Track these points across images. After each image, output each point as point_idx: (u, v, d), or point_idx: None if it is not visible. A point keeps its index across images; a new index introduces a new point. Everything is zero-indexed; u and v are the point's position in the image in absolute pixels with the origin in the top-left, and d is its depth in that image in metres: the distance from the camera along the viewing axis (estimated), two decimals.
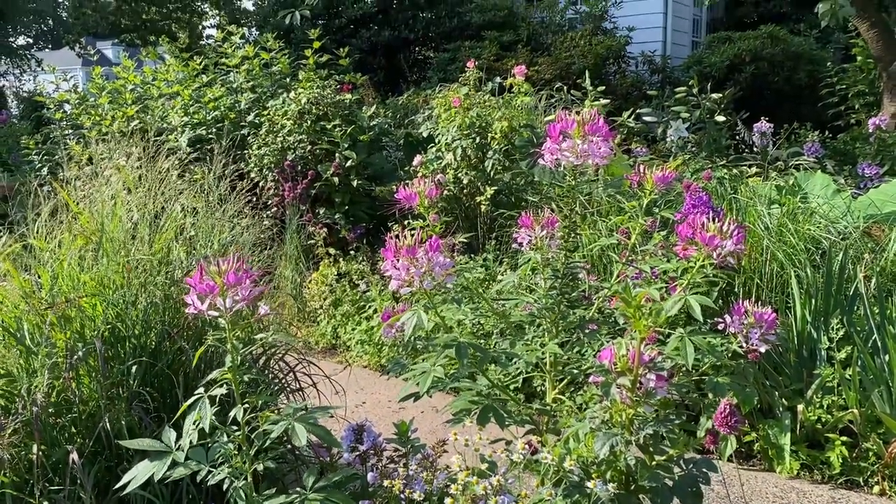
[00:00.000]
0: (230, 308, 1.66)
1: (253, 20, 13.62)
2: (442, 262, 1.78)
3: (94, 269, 2.13)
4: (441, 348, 1.80)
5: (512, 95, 4.81)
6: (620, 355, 1.53)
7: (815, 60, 10.96)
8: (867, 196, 4.26)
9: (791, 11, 13.26)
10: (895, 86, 7.25)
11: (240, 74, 6.00)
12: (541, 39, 11.17)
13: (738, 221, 3.64)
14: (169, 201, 2.48)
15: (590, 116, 2.04)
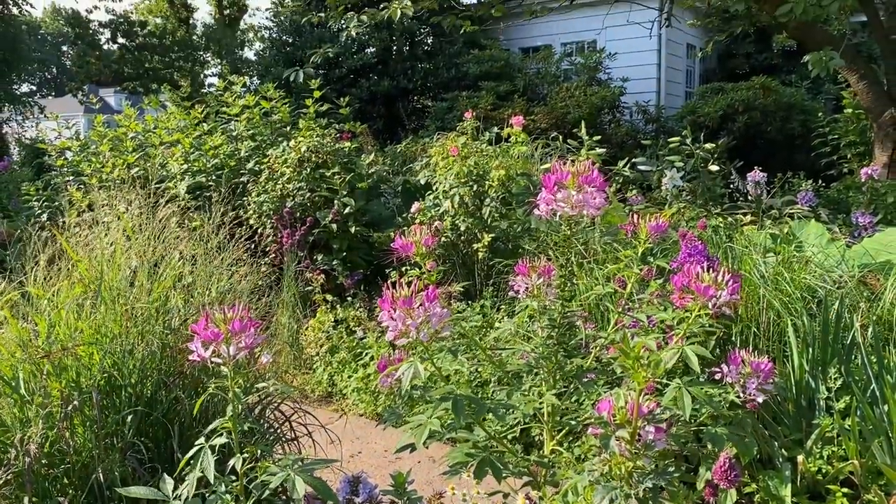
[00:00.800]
0: (234, 356, 1.66)
1: (254, 70, 13.83)
2: (438, 312, 1.78)
3: (92, 317, 2.13)
4: (438, 401, 1.80)
5: (509, 144, 4.87)
6: (619, 407, 1.52)
7: (806, 111, 11.15)
8: (861, 245, 4.29)
9: (782, 63, 13.53)
10: (886, 136, 7.35)
11: (240, 123, 6.08)
12: (537, 90, 11.35)
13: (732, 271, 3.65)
14: (168, 249, 2.49)
15: (584, 167, 2.07)
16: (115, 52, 22.32)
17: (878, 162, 7.33)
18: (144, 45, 21.88)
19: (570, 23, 12.50)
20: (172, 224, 3.09)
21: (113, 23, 22.16)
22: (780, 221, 5.83)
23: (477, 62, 11.69)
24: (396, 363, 2.48)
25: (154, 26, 23.67)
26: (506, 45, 13.13)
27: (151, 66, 22.02)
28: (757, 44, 13.53)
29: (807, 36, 7.29)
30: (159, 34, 22.56)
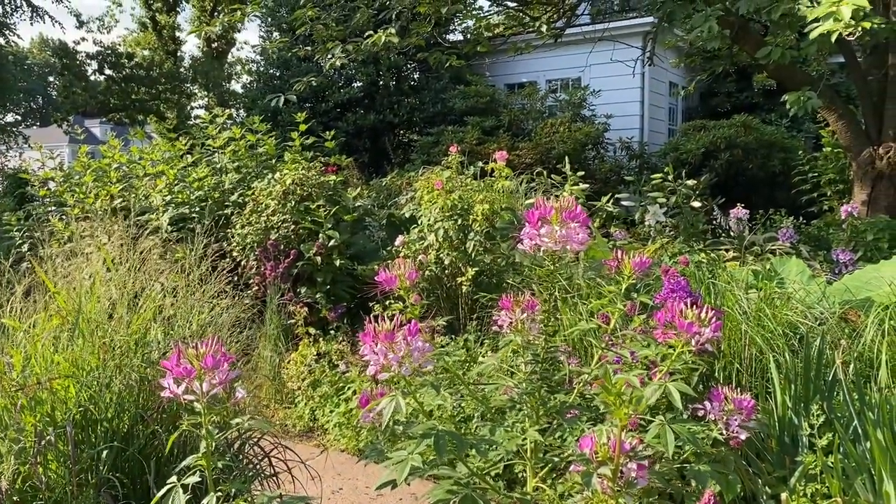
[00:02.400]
0: (207, 392, 1.63)
1: (241, 102, 13.89)
2: (420, 346, 1.77)
3: (69, 349, 2.09)
4: (420, 437, 1.77)
5: (494, 179, 4.90)
6: (601, 444, 1.51)
7: (787, 148, 11.32)
8: (842, 282, 4.33)
9: (762, 102, 13.76)
10: (864, 174, 7.47)
11: (225, 155, 6.08)
12: (521, 125, 11.47)
13: (715, 307, 3.66)
14: (149, 280, 2.47)
15: (568, 203, 2.08)
16: (101, 84, 22.31)
17: (858, 199, 7.44)
18: (131, 77, 21.90)
19: (555, 60, 12.68)
20: (154, 256, 3.08)
21: (100, 54, 22.20)
22: (762, 258, 5.88)
23: (463, 97, 11.82)
24: (378, 398, 2.46)
25: (141, 58, 23.75)
26: (491, 80, 13.30)
27: (138, 98, 22.01)
28: (738, 83, 13.77)
29: (786, 76, 7.44)
30: (146, 66, 22.61)
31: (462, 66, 8.38)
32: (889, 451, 2.94)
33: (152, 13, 25.33)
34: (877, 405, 3.30)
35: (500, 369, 2.50)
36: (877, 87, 7.60)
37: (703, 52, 10.98)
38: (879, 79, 7.58)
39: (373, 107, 12.16)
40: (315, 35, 7.51)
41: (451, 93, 12.17)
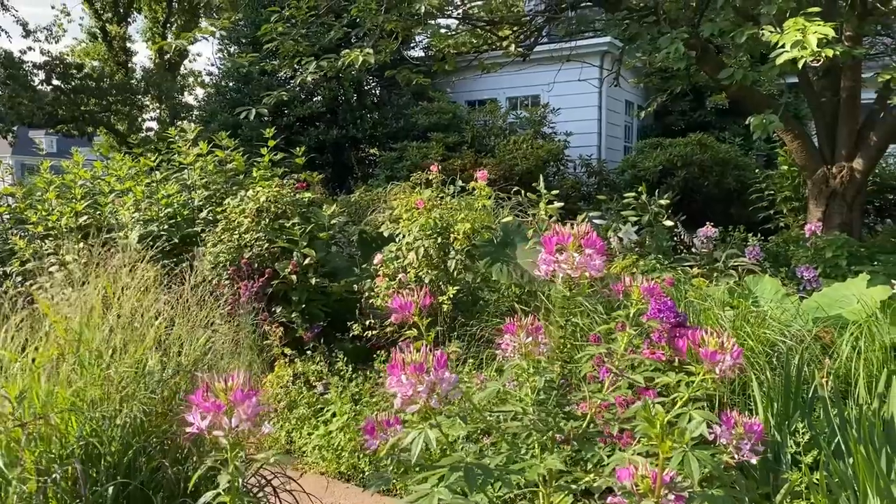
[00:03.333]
0: (236, 427, 1.58)
1: (199, 116, 13.65)
2: (448, 378, 1.75)
3: (69, 381, 2.01)
4: (449, 469, 1.75)
5: (473, 198, 4.91)
6: (641, 476, 1.51)
7: (741, 166, 11.63)
8: (813, 299, 4.45)
9: (715, 121, 14.12)
10: (819, 193, 7.71)
11: (194, 171, 5.96)
12: (484, 141, 11.55)
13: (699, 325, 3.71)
14: (143, 306, 2.39)
15: (584, 231, 2.09)
16: (48, 94, 21.65)
17: (813, 217, 7.68)
18: (80, 88, 21.28)
19: (515, 77, 12.82)
20: (123, 275, 2.98)
21: (48, 64, 21.54)
22: (726, 274, 6.01)
23: (426, 114, 11.84)
24: (385, 426, 2.43)
25: (91, 69, 23.15)
26: (453, 97, 13.37)
27: (87, 109, 21.41)
28: (692, 102, 14.11)
29: (745, 97, 7.64)
30: (96, 77, 22.03)
31: (427, 83, 8.40)
32: (874, 467, 3.02)
33: (102, 23, 24.77)
34: (856, 421, 3.40)
35: (502, 394, 2.49)
36: (830, 109, 7.86)
37: (661, 72, 11.25)
38: (832, 100, 7.85)
39: (335, 122, 12.10)
40: (281, 50, 7.43)
41: (414, 109, 12.19)
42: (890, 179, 10.32)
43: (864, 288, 4.43)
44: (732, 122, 13.88)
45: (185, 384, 2.18)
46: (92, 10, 24.72)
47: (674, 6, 7.53)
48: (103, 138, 24.56)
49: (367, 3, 6.78)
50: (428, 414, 1.75)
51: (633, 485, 1.53)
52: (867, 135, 7.38)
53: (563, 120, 12.51)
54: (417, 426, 1.76)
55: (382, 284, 4.71)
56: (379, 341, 5.06)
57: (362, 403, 4.57)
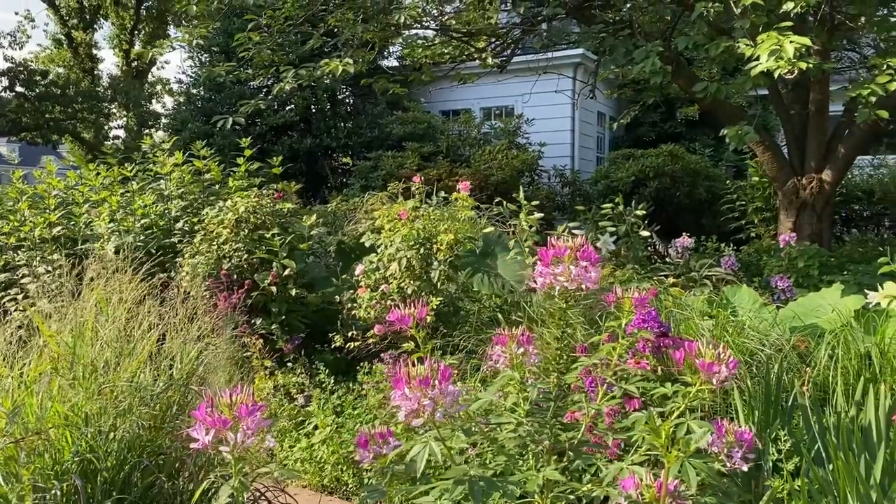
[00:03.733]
0: (241, 442, 1.57)
1: (170, 124, 13.50)
2: (452, 391, 1.76)
3: (63, 395, 1.97)
4: (453, 483, 1.75)
5: (456, 208, 4.92)
6: (646, 485, 1.53)
7: (711, 177, 11.82)
8: (790, 308, 4.53)
9: (685, 132, 14.33)
10: (790, 203, 7.87)
11: (171, 182, 5.90)
12: (459, 151, 11.59)
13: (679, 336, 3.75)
14: (134, 318, 2.36)
15: (580, 244, 2.12)
16: (11, 101, 21.26)
17: (784, 227, 7.83)
18: (45, 95, 20.92)
19: (489, 88, 12.89)
20: (97, 286, 2.94)
21: (11, 71, 21.16)
22: (701, 284, 6.10)
23: (401, 123, 11.86)
24: (378, 438, 2.42)
25: (56, 76, 22.79)
26: (427, 107, 13.41)
27: (52, 117, 21.05)
28: (663, 113, 14.31)
29: (718, 109, 7.78)
30: (62, 84, 21.69)
31: (404, 92, 8.42)
32: (854, 473, 3.08)
33: (68, 30, 24.42)
34: (835, 428, 3.47)
35: (489, 406, 2.49)
36: (799, 121, 8.04)
37: (634, 84, 11.40)
38: (801, 113, 8.03)
39: (309, 131, 12.06)
40: (257, 60, 7.39)
41: (389, 118, 12.20)
42: (855, 190, 10.58)
43: (838, 297, 4.53)
44: (702, 133, 14.11)
45: (179, 398, 2.16)
46: (57, 16, 24.37)
47: (647, 19, 7.64)
48: (68, 146, 24.17)
49: (344, 13, 6.78)
50: (432, 426, 1.76)
51: (638, 494, 1.55)
52: (835, 147, 7.56)
53: (536, 130, 12.62)
54: (421, 439, 1.76)
55: (365, 296, 4.70)
56: (360, 353, 5.04)
57: (345, 416, 4.54)
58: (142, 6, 24.16)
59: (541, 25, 8.44)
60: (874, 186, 10.60)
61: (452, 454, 3.07)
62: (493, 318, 4.97)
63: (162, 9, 22.77)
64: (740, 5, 5.72)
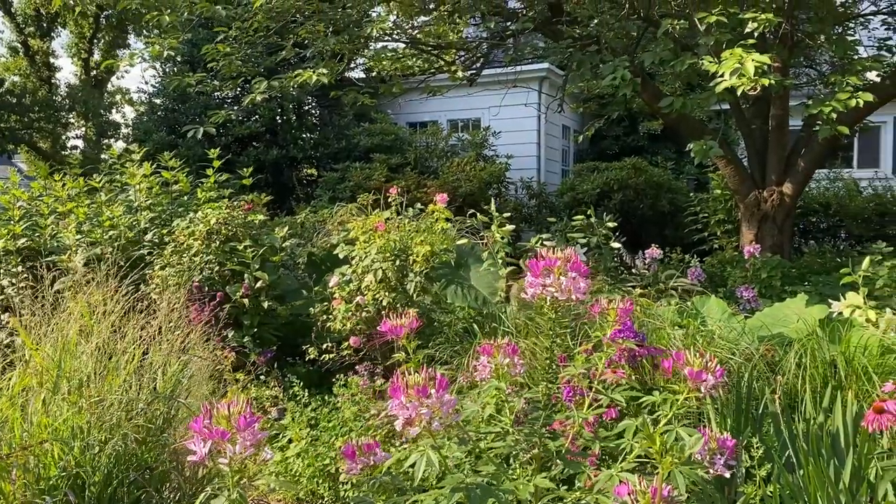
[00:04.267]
0: (240, 454, 1.57)
1: (134, 134, 13.30)
2: (449, 400, 1.78)
3: (49, 410, 1.94)
4: (451, 491, 1.77)
5: (433, 220, 4.95)
6: (640, 491, 1.57)
7: (674, 189, 12.04)
8: (757, 318, 4.64)
9: (647, 145, 14.59)
10: (751, 215, 8.07)
11: (140, 193, 5.82)
12: (427, 163, 11.63)
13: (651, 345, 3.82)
14: (118, 331, 2.33)
15: (569, 255, 2.16)
16: None
17: (746, 239, 8.02)
18: (0, 104, 20.48)
19: (456, 101, 12.96)
20: (80, 299, 2.89)
21: None
22: (668, 294, 6.21)
23: (368, 134, 11.86)
24: (366, 449, 2.42)
25: (12, 84, 22.29)
26: (394, 119, 13.43)
27: (8, 127, 20.57)
28: (626, 127, 14.55)
29: (681, 124, 7.95)
30: (18, 93, 21.22)
31: (373, 104, 8.45)
32: (824, 478, 3.17)
33: (24, 37, 23.91)
34: (804, 435, 3.57)
35: (486, 417, 2.51)
36: (760, 136, 8.26)
37: (599, 98, 11.60)
38: (762, 128, 8.25)
39: (275, 142, 11.98)
40: (224, 70, 7.35)
41: (356, 129, 12.20)
42: (813, 203, 10.88)
43: (803, 307, 4.65)
44: (664, 147, 14.38)
45: (165, 411, 2.13)
46: (13, 23, 23.85)
47: (613, 35, 7.79)
48: (24, 157, 23.63)
49: (315, 25, 6.79)
50: (429, 435, 1.77)
51: (633, 500, 1.58)
52: (795, 161, 7.77)
53: (503, 143, 12.73)
54: (418, 448, 1.78)
55: (340, 307, 4.69)
56: (333, 365, 5.02)
57: (319, 428, 4.52)
58: (101, 15, 23.77)
59: (509, 40, 8.55)
60: (831, 199, 10.92)
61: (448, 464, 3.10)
62: (466, 330, 5.00)
63: (122, 18, 22.44)
64: (704, 23, 5.88)
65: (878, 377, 3.71)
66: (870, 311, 4.29)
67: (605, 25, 7.32)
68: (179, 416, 2.29)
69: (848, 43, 6.36)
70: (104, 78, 25.44)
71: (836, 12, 7.50)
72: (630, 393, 2.22)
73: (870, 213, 10.65)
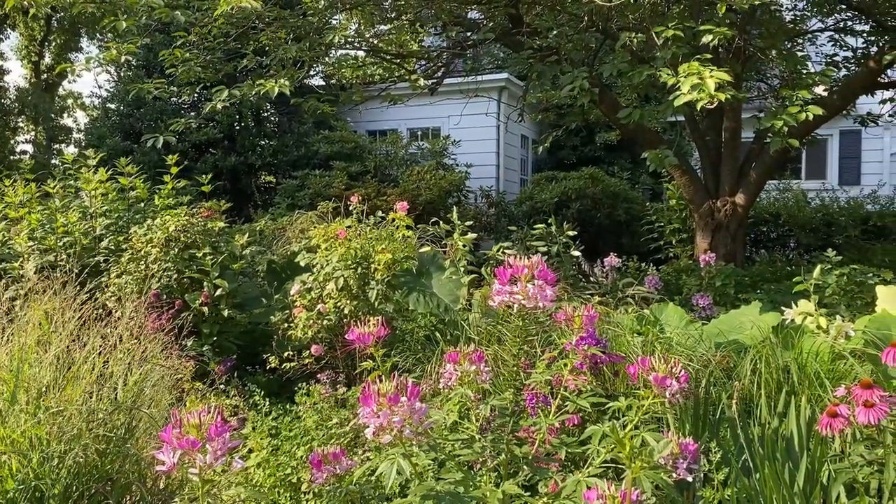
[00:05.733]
0: (210, 464, 1.56)
1: (84, 140, 13.01)
2: (420, 408, 1.78)
3: (1, 422, 1.88)
4: (420, 499, 1.77)
5: (395, 227, 4.95)
6: (610, 496, 1.59)
7: (630, 199, 12.24)
8: (714, 325, 4.75)
9: (604, 156, 14.80)
10: (706, 225, 8.24)
11: (95, 199, 5.70)
12: (387, 171, 11.63)
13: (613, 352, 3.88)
14: (77, 341, 2.28)
15: (535, 263, 2.19)
16: None
17: (700, 248, 8.19)
18: None
19: (416, 109, 13.01)
20: (36, 306, 2.83)
21: None
22: (624, 302, 6.31)
23: (328, 142, 11.81)
24: (332, 458, 2.42)
25: None
26: (354, 127, 13.40)
27: None
28: (583, 137, 14.74)
29: (638, 134, 8.09)
30: None
31: (333, 111, 8.42)
32: (780, 481, 3.25)
33: None
34: (760, 439, 3.66)
35: (452, 424, 2.53)
36: (714, 147, 8.46)
37: (557, 108, 11.73)
38: (716, 139, 8.46)
39: (233, 148, 11.85)
40: (182, 77, 7.25)
41: (315, 137, 12.13)
42: (763, 213, 11.17)
43: (757, 314, 4.77)
44: (620, 157, 14.61)
45: (127, 421, 2.09)
46: None
47: (572, 47, 7.91)
48: None
49: (276, 31, 6.75)
50: (399, 443, 1.77)
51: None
52: (748, 172, 7.98)
53: (463, 152, 12.79)
54: (389, 456, 1.78)
55: (302, 315, 4.66)
56: (294, 374, 4.97)
57: (281, 438, 4.47)
58: (53, 17, 23.23)
59: (469, 50, 8.61)
60: (781, 210, 11.23)
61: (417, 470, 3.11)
62: (428, 337, 5.00)
63: (75, 21, 21.96)
64: (662, 37, 6.01)
65: (830, 382, 3.82)
66: (821, 318, 4.43)
67: (564, 37, 7.42)
68: (141, 427, 2.24)
69: (798, 58, 6.56)
70: (55, 82, 24.86)
71: (786, 28, 7.75)
72: (594, 399, 2.25)
73: (817, 223, 10.98)
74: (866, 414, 2.44)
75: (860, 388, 2.49)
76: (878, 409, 2.44)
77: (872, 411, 2.44)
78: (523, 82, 10.73)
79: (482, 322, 4.83)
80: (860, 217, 10.95)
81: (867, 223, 10.86)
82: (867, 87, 7.82)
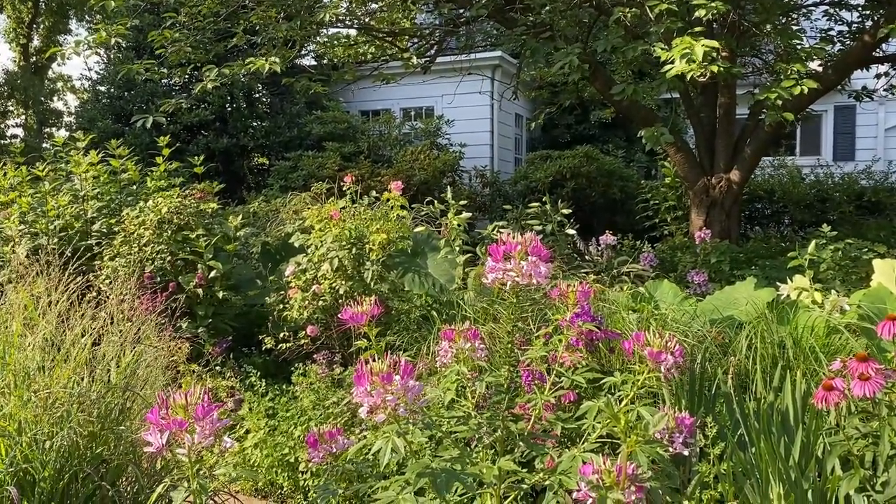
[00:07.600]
0: (199, 444, 1.54)
1: (74, 122, 12.90)
2: (414, 386, 1.77)
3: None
4: (416, 476, 1.77)
5: (388, 207, 4.93)
6: (606, 470, 1.59)
7: (624, 177, 12.21)
8: (709, 302, 4.75)
9: (599, 134, 14.74)
10: (700, 202, 8.23)
11: (87, 182, 5.65)
12: (381, 152, 11.56)
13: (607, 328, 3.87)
14: (65, 322, 2.26)
15: (529, 239, 2.17)
16: None
17: (695, 225, 8.18)
18: None
19: (409, 89, 12.88)
20: (21, 289, 2.80)
21: None
22: (620, 280, 6.31)
23: (321, 123, 11.73)
24: (328, 437, 2.41)
25: None
26: (346, 107, 13.30)
27: None
28: (578, 115, 14.67)
29: (632, 112, 8.04)
30: None
31: (325, 91, 8.35)
32: (775, 455, 3.27)
33: None
34: (755, 413, 3.67)
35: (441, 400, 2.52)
36: (708, 124, 8.42)
37: (551, 86, 11.66)
38: (710, 116, 8.41)
39: (225, 130, 11.76)
40: (172, 58, 7.17)
41: (308, 117, 12.04)
42: (758, 190, 11.15)
43: (752, 290, 4.77)
44: (614, 135, 14.56)
45: (120, 403, 2.08)
46: None
47: (565, 23, 7.84)
48: None
49: (266, 10, 6.67)
50: (394, 422, 1.76)
51: (598, 479, 1.60)
52: (742, 148, 7.95)
53: (457, 132, 12.72)
54: (383, 434, 1.77)
55: (297, 296, 4.64)
56: (290, 355, 4.97)
57: (277, 418, 4.47)
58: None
59: (462, 27, 8.53)
60: (775, 186, 11.22)
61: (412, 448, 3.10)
62: (424, 317, 4.99)
63: (63, 2, 21.71)
64: (655, 11, 5.95)
65: (825, 357, 3.82)
66: (816, 293, 4.43)
67: (557, 13, 7.35)
68: (135, 408, 2.23)
69: (792, 32, 6.51)
70: (45, 64, 24.61)
71: (781, 2, 7.68)
72: (590, 374, 2.24)
73: (812, 199, 10.98)
74: (862, 387, 2.44)
75: (856, 361, 2.49)
76: (873, 382, 2.44)
77: (868, 384, 2.44)
78: (517, 60, 10.64)
79: (477, 301, 4.82)
80: (854, 193, 10.95)
81: (861, 199, 10.86)
82: (862, 62, 7.78)
